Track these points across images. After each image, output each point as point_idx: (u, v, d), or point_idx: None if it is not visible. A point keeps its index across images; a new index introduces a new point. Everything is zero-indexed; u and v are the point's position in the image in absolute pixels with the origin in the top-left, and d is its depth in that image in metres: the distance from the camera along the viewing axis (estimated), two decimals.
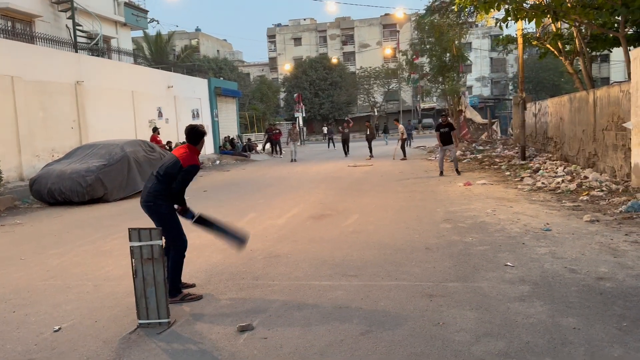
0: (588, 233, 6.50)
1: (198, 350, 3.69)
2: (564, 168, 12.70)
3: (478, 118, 31.14)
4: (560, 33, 14.29)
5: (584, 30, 13.47)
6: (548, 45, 14.85)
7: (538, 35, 15.72)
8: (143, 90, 21.49)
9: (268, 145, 30.39)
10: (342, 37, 69.95)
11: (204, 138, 4.89)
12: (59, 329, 4.20)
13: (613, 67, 46.75)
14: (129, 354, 3.68)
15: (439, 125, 14.34)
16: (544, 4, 11.63)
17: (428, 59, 28.12)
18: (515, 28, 15.83)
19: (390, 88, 59.35)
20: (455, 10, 16.98)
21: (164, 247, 4.27)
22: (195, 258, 6.11)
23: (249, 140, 31.64)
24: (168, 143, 19.94)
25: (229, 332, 3.97)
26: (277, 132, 30.24)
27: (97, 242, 7.62)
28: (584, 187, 10.08)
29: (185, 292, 4.82)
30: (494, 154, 18.95)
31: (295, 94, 46.91)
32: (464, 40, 28.90)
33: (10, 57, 14.70)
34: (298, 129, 33.36)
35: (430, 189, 11.39)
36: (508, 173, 13.56)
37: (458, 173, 13.82)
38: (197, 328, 4.10)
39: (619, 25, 11.64)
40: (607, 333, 3.57)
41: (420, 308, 4.22)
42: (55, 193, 11.88)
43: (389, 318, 4.06)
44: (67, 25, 20.72)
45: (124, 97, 20.12)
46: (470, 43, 51.21)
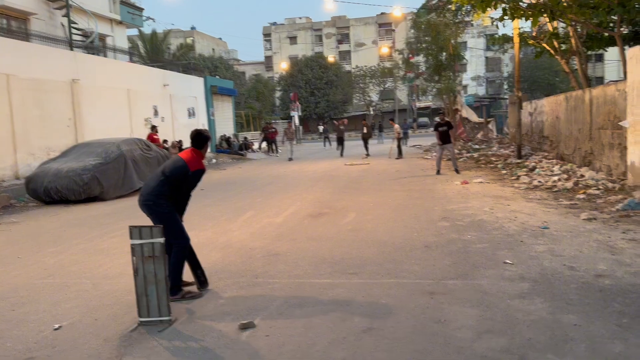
0: (585, 231, 6.53)
1: (200, 348, 3.68)
2: (560, 167, 12.74)
3: (474, 117, 31.16)
4: (557, 32, 14.34)
5: (580, 30, 13.52)
6: (544, 45, 14.89)
7: (534, 34, 15.76)
8: (139, 89, 21.39)
9: (264, 144, 30.36)
10: (337, 35, 70.00)
11: (209, 142, 4.94)
12: (59, 327, 4.18)
13: (607, 66, 46.98)
14: (131, 352, 3.67)
15: (438, 124, 14.30)
16: (541, 3, 11.64)
17: (424, 58, 28.15)
18: (512, 27, 15.84)
19: (386, 87, 59.40)
20: (453, 9, 17.01)
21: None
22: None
23: (245, 139, 31.58)
24: (164, 141, 19.90)
25: (231, 329, 3.97)
26: (273, 130, 30.22)
27: (94, 240, 7.59)
28: (581, 185, 10.13)
29: (186, 290, 4.82)
30: (490, 153, 19.00)
31: (291, 93, 46.87)
32: (460, 39, 28.94)
33: (6, 54, 14.59)
34: (294, 128, 33.31)
35: (428, 188, 11.41)
36: (504, 172, 13.60)
37: (457, 172, 13.83)
38: (198, 326, 4.10)
39: (615, 25, 11.71)
40: (607, 329, 3.59)
41: (422, 305, 4.23)
42: (52, 191, 11.82)
43: (391, 315, 4.07)
44: (62, 23, 20.58)
45: (120, 95, 20.02)
46: (466, 42, 51.28)
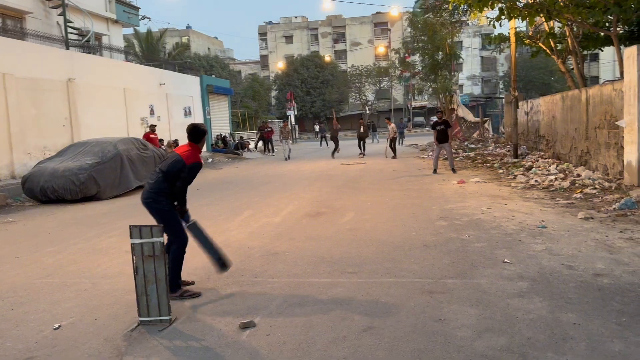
0: (583, 230, 6.56)
1: (201, 347, 3.68)
2: (557, 166, 12.79)
3: (470, 116, 31.23)
4: (553, 32, 14.38)
5: (577, 29, 13.57)
6: (540, 44, 14.94)
7: (530, 34, 15.81)
8: (135, 88, 21.35)
9: (260, 144, 30.33)
10: (333, 35, 69.95)
11: (205, 136, 4.96)
12: (59, 327, 4.17)
13: (603, 66, 47.15)
14: (131, 351, 3.67)
15: (435, 123, 14.25)
16: (537, 3, 11.67)
17: (420, 58, 28.20)
18: (508, 27, 15.90)
19: (382, 86, 59.45)
20: (450, 9, 17.04)
21: (166, 243, 4.27)
22: (193, 255, 6.06)
23: (241, 138, 31.52)
24: (160, 141, 19.85)
25: (231, 329, 3.97)
26: (269, 130, 30.18)
27: (92, 240, 7.57)
28: (577, 185, 10.18)
29: (185, 288, 4.82)
30: (487, 152, 19.06)
31: (287, 92, 46.84)
32: (456, 39, 29.01)
33: (2, 53, 14.53)
34: (290, 127, 33.29)
35: (425, 187, 11.43)
36: (501, 171, 13.65)
37: (454, 171, 13.86)
38: (198, 325, 4.09)
39: (611, 24, 11.75)
40: (606, 328, 3.61)
41: (421, 304, 4.25)
42: (48, 191, 11.78)
43: (391, 314, 4.08)
44: (58, 22, 20.52)
45: (116, 94, 19.98)
46: (461, 42, 51.42)
